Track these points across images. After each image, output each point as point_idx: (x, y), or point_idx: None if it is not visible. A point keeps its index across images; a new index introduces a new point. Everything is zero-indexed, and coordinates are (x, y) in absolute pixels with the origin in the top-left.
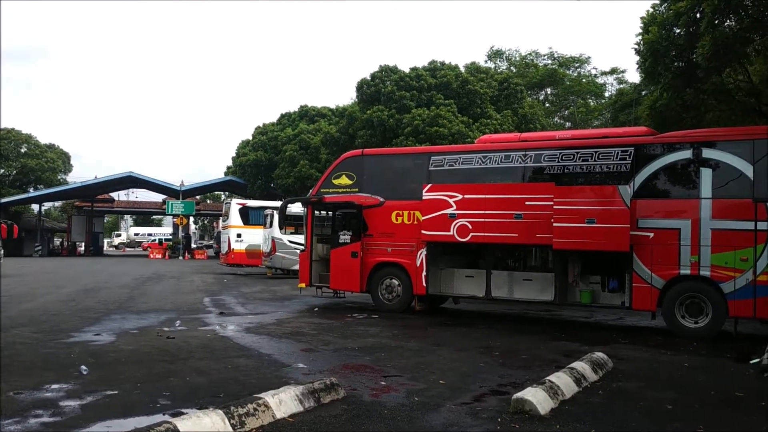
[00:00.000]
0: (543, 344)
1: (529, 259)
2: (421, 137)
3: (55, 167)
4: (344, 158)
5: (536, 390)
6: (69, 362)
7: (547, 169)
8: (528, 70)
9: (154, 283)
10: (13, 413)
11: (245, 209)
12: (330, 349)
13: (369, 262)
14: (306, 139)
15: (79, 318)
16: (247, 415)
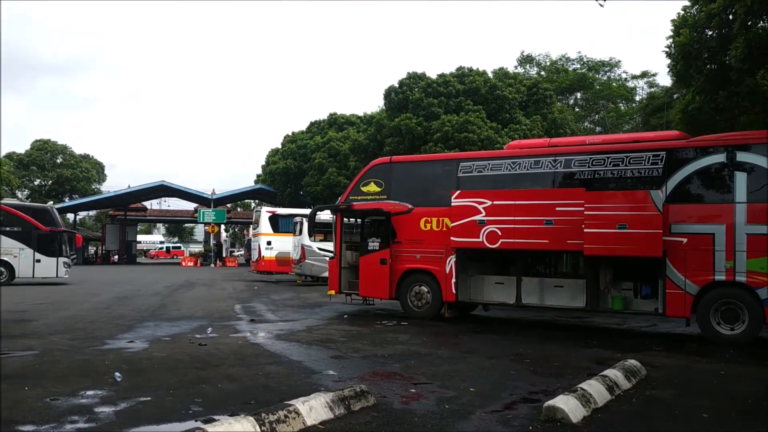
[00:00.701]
0: (574, 351)
1: (560, 265)
2: (450, 143)
3: (90, 177)
4: (372, 165)
5: (568, 398)
6: (104, 369)
7: (578, 175)
8: (558, 76)
9: (186, 290)
10: (50, 419)
11: (275, 217)
12: (360, 356)
13: (398, 269)
14: (335, 146)
15: (113, 325)
16: (278, 421)
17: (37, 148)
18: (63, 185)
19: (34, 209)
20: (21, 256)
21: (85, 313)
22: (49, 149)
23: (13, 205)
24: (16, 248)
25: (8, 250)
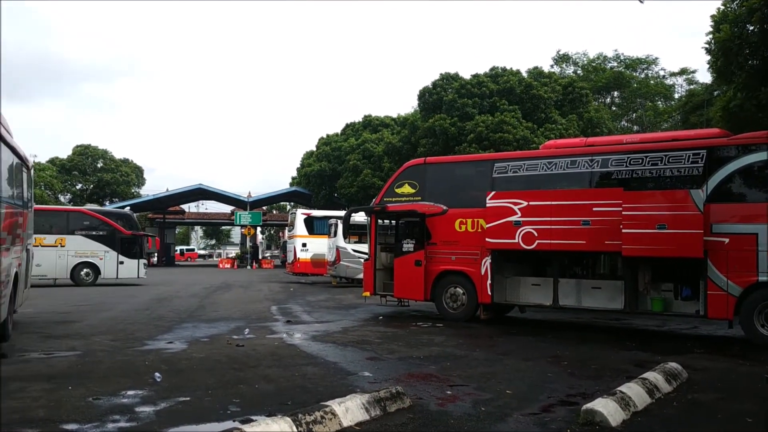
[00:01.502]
0: (613, 354)
1: (598, 266)
2: (484, 144)
3: (129, 181)
4: (407, 167)
5: (607, 401)
6: (144, 369)
7: (615, 174)
8: (596, 74)
9: (223, 292)
10: (93, 418)
11: (310, 219)
12: (395, 358)
13: (433, 270)
14: (369, 148)
15: (153, 326)
16: (314, 422)
17: (79, 153)
18: (103, 189)
19: (118, 214)
20: (106, 258)
21: (126, 314)
22: (90, 154)
23: (98, 210)
24: (101, 251)
25: (94, 252)
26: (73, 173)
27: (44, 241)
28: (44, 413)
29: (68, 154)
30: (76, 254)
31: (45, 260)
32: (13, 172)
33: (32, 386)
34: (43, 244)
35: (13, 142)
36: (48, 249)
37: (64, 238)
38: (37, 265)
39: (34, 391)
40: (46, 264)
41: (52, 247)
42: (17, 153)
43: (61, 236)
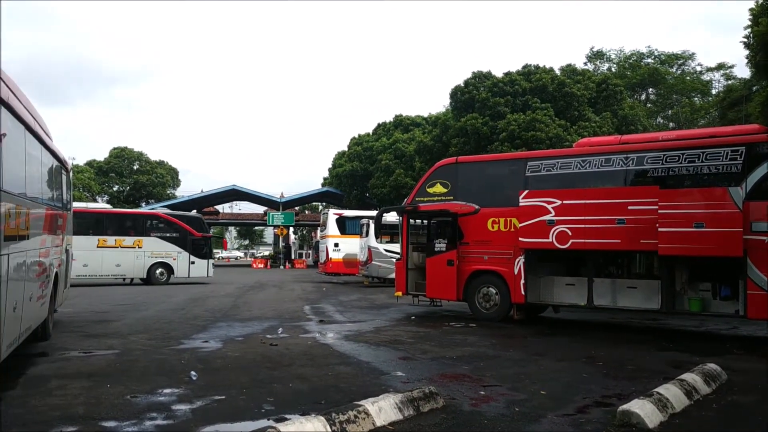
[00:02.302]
0: (649, 355)
1: (633, 265)
2: (516, 142)
3: (165, 182)
4: (438, 166)
5: (644, 402)
6: (180, 368)
7: (651, 172)
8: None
9: (256, 291)
10: (130, 416)
11: (342, 219)
12: (428, 358)
13: (465, 270)
14: (401, 147)
15: (188, 326)
16: (347, 422)
17: (115, 156)
18: (140, 191)
19: (189, 217)
20: (179, 258)
21: (162, 313)
22: (126, 156)
23: (171, 213)
24: (174, 252)
25: (168, 253)
26: (110, 175)
27: (123, 242)
28: (84, 410)
29: (105, 157)
30: (152, 255)
31: (124, 261)
32: (53, 174)
33: (72, 384)
34: (122, 245)
35: (52, 146)
36: (127, 250)
37: (141, 239)
38: (117, 265)
39: (74, 388)
40: (125, 264)
41: (130, 249)
42: (57, 156)
43: (138, 238)
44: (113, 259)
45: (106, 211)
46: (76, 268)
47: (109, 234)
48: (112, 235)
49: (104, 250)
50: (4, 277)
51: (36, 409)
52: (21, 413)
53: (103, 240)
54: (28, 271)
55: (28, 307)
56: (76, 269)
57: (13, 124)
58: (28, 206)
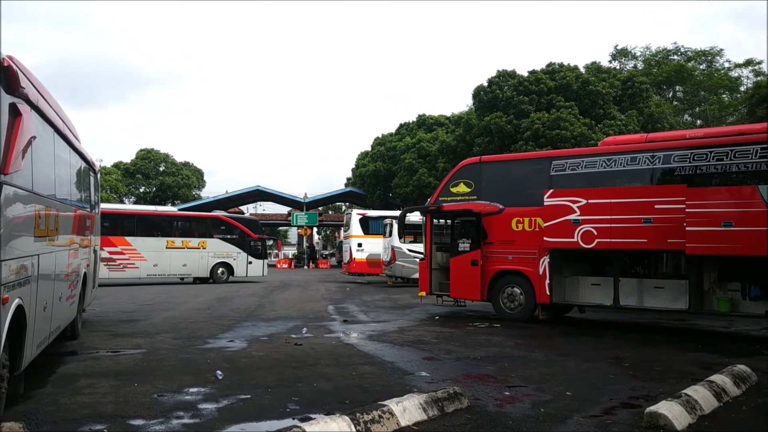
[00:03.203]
0: (677, 355)
1: (660, 265)
2: (541, 141)
3: (190, 183)
4: (462, 166)
5: (671, 403)
6: (206, 367)
7: (678, 171)
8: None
9: (281, 291)
10: (157, 414)
11: (365, 219)
12: (452, 358)
13: (489, 270)
14: (424, 147)
15: (214, 325)
16: (372, 421)
17: (142, 157)
18: (165, 192)
19: (247, 220)
20: (238, 259)
21: (188, 313)
22: (152, 158)
23: (231, 216)
24: (234, 252)
25: (229, 254)
26: (136, 177)
27: (189, 243)
28: (112, 409)
29: (131, 158)
30: (214, 255)
31: (190, 261)
32: (81, 176)
33: (101, 383)
34: (188, 246)
35: (80, 148)
36: (192, 251)
37: (205, 241)
38: (184, 265)
39: (103, 387)
40: (191, 264)
41: (195, 249)
42: (84, 158)
43: (202, 239)
44: (180, 260)
45: (174, 214)
46: (147, 267)
47: (176, 236)
48: (179, 237)
49: (172, 251)
50: (34, 277)
51: (66, 407)
52: (51, 411)
53: (171, 241)
54: (57, 271)
55: (57, 306)
56: (146, 269)
57: (42, 127)
58: (58, 208)
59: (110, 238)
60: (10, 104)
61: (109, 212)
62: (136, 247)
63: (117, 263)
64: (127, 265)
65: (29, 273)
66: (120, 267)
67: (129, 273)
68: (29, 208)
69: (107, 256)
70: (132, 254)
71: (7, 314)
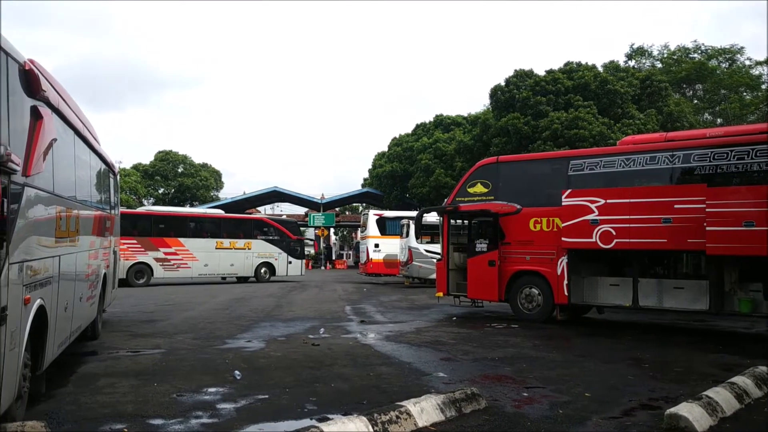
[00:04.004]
0: (698, 357)
1: (680, 265)
2: (559, 141)
3: (209, 185)
4: (479, 166)
5: (692, 405)
6: (224, 367)
7: (698, 170)
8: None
9: (298, 291)
10: (176, 414)
11: (382, 220)
12: (469, 359)
13: (507, 270)
14: (441, 147)
15: (232, 325)
16: (389, 422)
17: (160, 159)
18: (184, 193)
19: (287, 222)
20: (279, 259)
21: (207, 313)
22: (171, 159)
23: (273, 218)
24: (276, 253)
25: (271, 254)
26: (155, 178)
27: (236, 244)
28: (132, 408)
29: (150, 160)
30: (258, 255)
31: (236, 261)
32: (101, 177)
33: (121, 382)
34: (235, 247)
35: (100, 150)
36: (239, 251)
37: (250, 242)
38: (231, 265)
39: (123, 387)
40: (237, 264)
41: (241, 250)
42: (104, 160)
43: (248, 240)
44: (228, 260)
45: (222, 216)
46: (198, 267)
47: (224, 237)
48: (227, 238)
49: (221, 252)
50: (56, 278)
51: (87, 407)
52: (73, 410)
53: (220, 242)
54: (77, 272)
55: (78, 307)
56: (198, 268)
57: (63, 129)
58: (78, 209)
59: (165, 239)
60: (31, 107)
61: (163, 214)
62: (189, 248)
63: (171, 263)
64: (180, 265)
65: (50, 274)
66: (174, 267)
67: (182, 272)
68: (50, 210)
69: (162, 257)
70: (185, 254)
71: (28, 315)
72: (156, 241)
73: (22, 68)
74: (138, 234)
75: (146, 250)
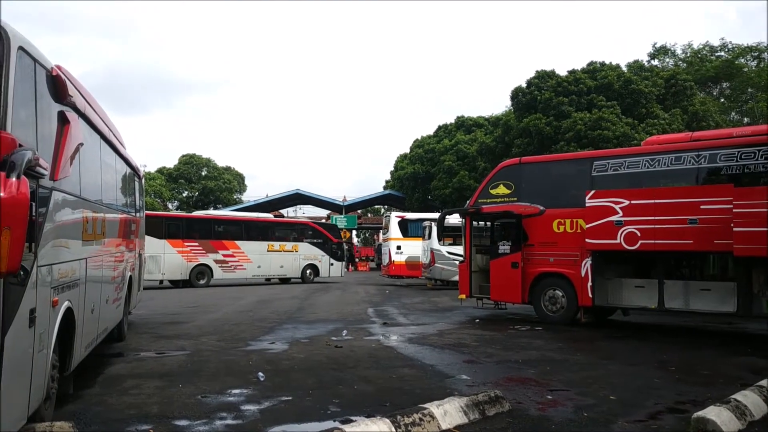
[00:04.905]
0: (725, 359)
1: (707, 266)
2: (582, 142)
3: (232, 188)
4: (501, 167)
5: (720, 409)
6: (248, 369)
7: (724, 170)
8: (703, 65)
9: (321, 293)
10: (201, 415)
11: (404, 222)
12: (493, 361)
13: (530, 272)
14: (463, 149)
15: (255, 327)
16: (413, 424)
17: (184, 162)
18: (207, 196)
19: (329, 226)
20: (323, 261)
21: (230, 315)
22: (195, 163)
23: (317, 222)
24: (320, 255)
25: (315, 256)
26: (179, 181)
27: (285, 247)
28: (157, 409)
29: (175, 163)
30: (304, 258)
31: (285, 263)
32: (126, 181)
33: (147, 383)
34: (284, 249)
35: (125, 154)
36: (288, 254)
37: (297, 245)
38: (281, 267)
39: (149, 388)
40: (286, 266)
41: (289, 252)
42: (129, 163)
43: (295, 243)
44: (278, 261)
45: (272, 220)
46: (252, 269)
47: (274, 240)
48: (276, 241)
49: (272, 254)
50: (83, 281)
51: (113, 408)
52: (99, 411)
53: (271, 245)
54: (104, 275)
55: (104, 309)
56: (252, 270)
57: (89, 133)
58: (104, 212)
59: (224, 242)
60: (58, 112)
61: (222, 218)
62: (244, 251)
63: (229, 265)
64: (237, 266)
65: (77, 276)
66: (231, 268)
67: (238, 274)
68: (77, 213)
69: (221, 259)
70: (241, 257)
71: (56, 317)
72: (215, 244)
73: (49, 74)
74: (199, 237)
75: (207, 252)
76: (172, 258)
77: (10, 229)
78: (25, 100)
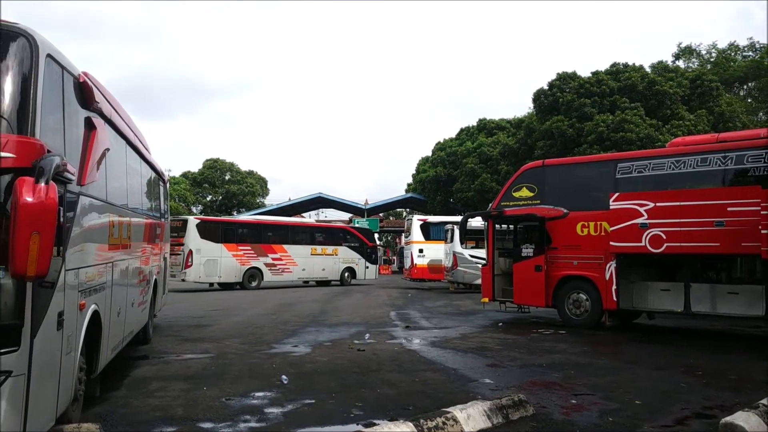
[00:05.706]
0: (754, 364)
1: (734, 269)
2: (606, 144)
3: (255, 191)
4: (524, 170)
5: (748, 414)
6: (271, 372)
7: (752, 171)
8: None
9: (343, 297)
10: (225, 418)
11: (426, 225)
12: (516, 365)
13: (554, 275)
14: (486, 151)
15: (279, 330)
16: (436, 428)
17: (208, 167)
18: (231, 200)
19: (365, 230)
20: (359, 264)
21: (254, 318)
22: (219, 167)
23: (354, 227)
24: (356, 258)
25: (353, 260)
26: (203, 186)
27: (326, 251)
28: (182, 412)
29: (199, 168)
30: (343, 261)
31: (327, 266)
32: (151, 186)
33: (171, 386)
34: (326, 253)
35: (150, 159)
36: (328, 257)
37: (337, 248)
38: (323, 269)
39: (173, 390)
40: (327, 268)
41: (330, 256)
42: (154, 168)
43: (335, 247)
44: (320, 264)
45: (314, 225)
46: (298, 271)
47: (317, 244)
48: (318, 245)
49: (315, 257)
50: (109, 284)
51: (139, 410)
52: (125, 413)
53: (314, 249)
54: (129, 278)
55: (130, 312)
56: (297, 273)
57: (115, 139)
58: (130, 217)
59: (273, 246)
60: (85, 118)
61: (271, 223)
62: (291, 254)
63: (277, 268)
64: (284, 269)
65: (104, 280)
66: (279, 271)
67: (285, 276)
68: (104, 218)
69: (270, 262)
70: (288, 260)
71: (83, 320)
72: (266, 248)
73: (76, 81)
74: (251, 241)
75: (258, 256)
76: (228, 261)
77: (39, 233)
78: (53, 107)
